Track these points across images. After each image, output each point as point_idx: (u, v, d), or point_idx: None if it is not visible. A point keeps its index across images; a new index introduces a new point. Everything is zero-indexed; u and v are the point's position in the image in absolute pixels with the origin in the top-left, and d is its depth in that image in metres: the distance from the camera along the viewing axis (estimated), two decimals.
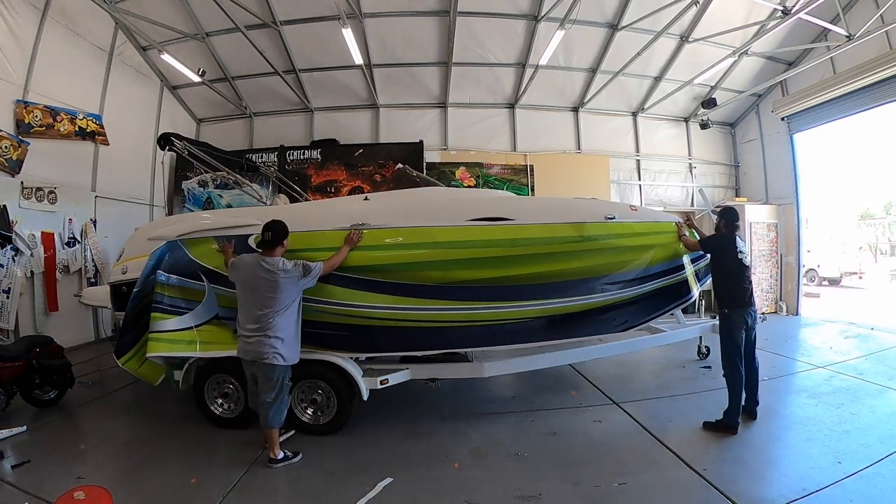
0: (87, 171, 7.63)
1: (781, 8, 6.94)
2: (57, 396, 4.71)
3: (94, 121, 7.56)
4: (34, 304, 6.50)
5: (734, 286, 4.05)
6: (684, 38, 8.55)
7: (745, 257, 4.09)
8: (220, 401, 4.16)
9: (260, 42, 8.28)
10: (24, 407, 4.50)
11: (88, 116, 7.46)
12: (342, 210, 4.37)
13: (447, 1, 7.77)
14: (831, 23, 7.15)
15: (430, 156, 9.70)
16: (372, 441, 3.85)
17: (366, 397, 3.90)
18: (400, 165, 7.11)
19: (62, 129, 7.01)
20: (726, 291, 4.11)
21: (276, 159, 9.61)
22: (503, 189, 8.98)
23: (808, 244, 12.40)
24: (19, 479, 3.24)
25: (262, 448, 3.59)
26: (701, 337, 5.88)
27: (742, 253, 4.08)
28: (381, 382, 3.98)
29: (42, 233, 6.63)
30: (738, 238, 4.13)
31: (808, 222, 12.47)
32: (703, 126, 10.37)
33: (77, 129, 7.26)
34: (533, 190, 9.81)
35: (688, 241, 4.77)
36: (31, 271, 6.43)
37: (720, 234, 4.26)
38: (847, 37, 6.86)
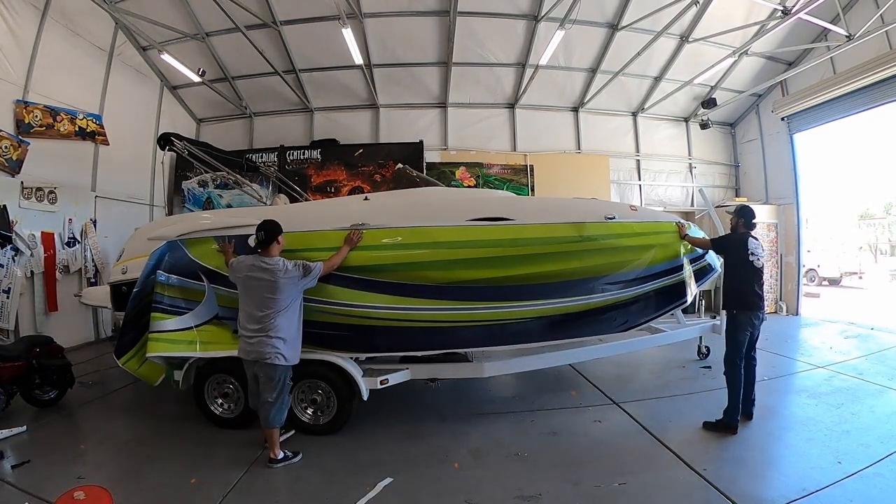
0: (87, 171, 7.62)
1: (781, 8, 6.94)
2: (57, 396, 4.71)
3: (94, 121, 7.56)
4: (34, 304, 6.50)
5: (741, 288, 4.01)
6: (684, 38, 8.54)
7: (756, 259, 3.97)
8: (220, 401, 4.16)
9: (260, 42, 8.28)
10: (24, 407, 4.50)
11: (88, 116, 7.46)
12: (342, 210, 4.37)
13: (447, 1, 7.77)
14: (831, 23, 7.15)
15: (430, 156, 9.69)
16: (372, 441, 3.85)
17: (366, 397, 3.90)
18: (400, 165, 7.10)
19: (62, 129, 7.00)
20: (733, 292, 4.08)
21: (276, 159, 9.60)
22: (503, 189, 8.98)
23: (808, 244, 12.40)
24: (19, 479, 3.24)
25: (262, 448, 3.59)
26: (701, 337, 5.89)
27: (754, 255, 3.96)
28: (381, 382, 3.99)
29: (42, 233, 6.62)
30: (751, 239, 4.03)
31: (808, 222, 12.46)
32: (703, 126, 10.37)
33: (77, 129, 7.26)
34: (533, 190, 9.80)
35: (697, 240, 4.76)
36: (31, 271, 6.43)
37: (733, 234, 4.22)
38: (847, 37, 6.86)
